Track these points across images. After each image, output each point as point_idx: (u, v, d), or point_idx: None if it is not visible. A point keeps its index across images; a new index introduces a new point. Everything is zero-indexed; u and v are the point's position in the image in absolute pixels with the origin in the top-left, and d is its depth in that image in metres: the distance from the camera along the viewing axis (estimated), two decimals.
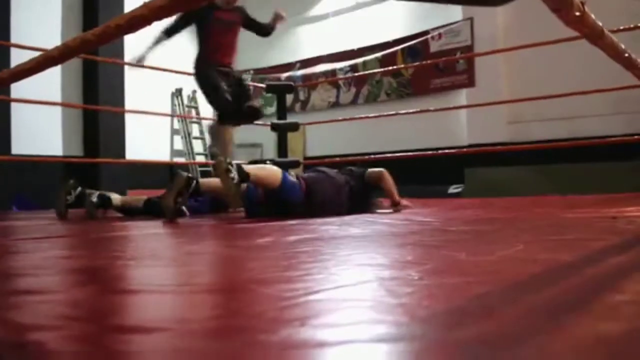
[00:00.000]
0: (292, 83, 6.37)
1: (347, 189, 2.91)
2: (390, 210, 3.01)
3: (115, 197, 3.27)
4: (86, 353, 0.53)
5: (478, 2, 0.96)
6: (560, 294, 0.76)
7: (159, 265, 1.23)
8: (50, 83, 6.42)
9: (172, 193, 2.61)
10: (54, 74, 6.50)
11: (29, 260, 1.33)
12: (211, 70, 3.69)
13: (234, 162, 2.56)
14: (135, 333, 0.60)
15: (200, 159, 8.65)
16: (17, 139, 6.07)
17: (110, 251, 1.55)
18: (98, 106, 6.62)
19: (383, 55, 7.62)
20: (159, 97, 8.18)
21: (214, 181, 2.73)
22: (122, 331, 0.61)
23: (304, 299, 0.73)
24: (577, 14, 0.98)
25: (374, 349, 0.52)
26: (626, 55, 1.39)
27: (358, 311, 0.68)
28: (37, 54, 1.41)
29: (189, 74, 6.16)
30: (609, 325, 0.58)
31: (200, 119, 8.73)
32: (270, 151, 8.34)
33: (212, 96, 3.70)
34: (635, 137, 4.02)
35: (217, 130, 3.81)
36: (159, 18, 0.93)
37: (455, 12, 6.89)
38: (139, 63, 3.88)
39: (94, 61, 6.11)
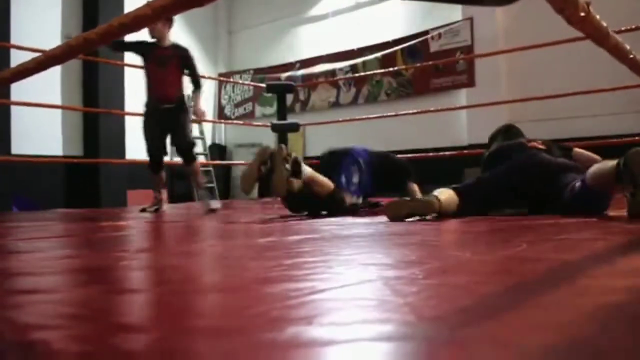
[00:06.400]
0: (292, 83, 6.37)
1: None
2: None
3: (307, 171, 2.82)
4: (88, 352, 0.53)
5: (482, 2, 0.95)
6: (564, 293, 0.76)
7: (161, 264, 1.23)
8: (50, 83, 6.42)
9: (255, 163, 2.79)
10: (54, 73, 6.50)
11: (30, 260, 1.32)
12: (149, 112, 3.95)
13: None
14: (138, 332, 0.60)
15: (200, 159, 8.65)
16: (17, 139, 6.06)
17: (112, 250, 1.54)
18: (98, 106, 6.62)
19: (383, 55, 7.62)
20: None
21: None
22: (126, 330, 0.61)
23: (310, 298, 0.73)
24: (582, 14, 0.98)
25: (381, 347, 0.52)
26: (631, 56, 1.39)
27: (364, 310, 0.67)
28: (37, 54, 1.41)
29: (189, 74, 6.17)
30: (615, 326, 0.58)
31: (201, 121, 8.72)
32: None
33: (147, 143, 4.01)
34: (636, 137, 4.02)
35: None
36: (162, 18, 0.93)
37: (455, 12, 6.89)
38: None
39: (94, 61, 6.10)
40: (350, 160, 3.02)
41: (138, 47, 3.95)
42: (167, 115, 3.88)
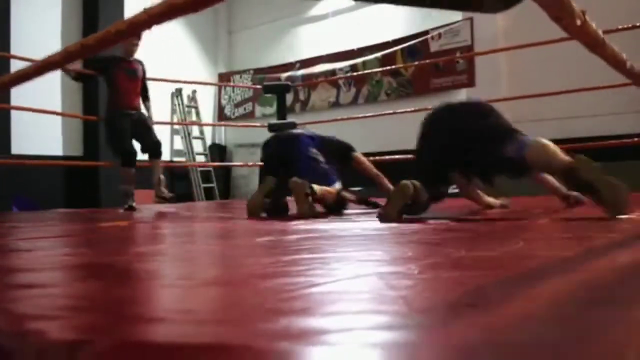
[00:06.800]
0: (289, 83, 6.37)
1: None
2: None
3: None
4: (86, 342, 0.54)
5: (479, 9, 0.96)
6: (559, 288, 0.77)
7: (160, 261, 1.24)
8: (50, 84, 6.42)
9: (259, 195, 3.01)
10: (54, 74, 6.50)
11: (29, 258, 1.33)
12: (118, 116, 4.24)
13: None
14: (136, 323, 0.60)
15: (200, 158, 8.66)
16: (17, 139, 6.07)
17: (112, 249, 1.55)
18: (98, 106, 6.61)
19: (383, 55, 7.63)
20: (159, 96, 8.18)
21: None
22: (124, 321, 0.61)
23: (304, 291, 0.74)
24: (578, 23, 0.99)
25: (373, 336, 0.53)
26: (627, 65, 1.39)
27: (358, 303, 0.68)
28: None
29: (188, 82, 6.21)
30: (608, 319, 0.59)
31: (201, 124, 8.74)
32: None
33: (116, 143, 4.29)
34: (635, 139, 4.03)
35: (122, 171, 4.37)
36: (158, 23, 0.94)
37: (455, 12, 6.89)
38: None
39: None
40: (305, 156, 3.10)
41: (105, 63, 4.28)
42: (135, 121, 4.28)
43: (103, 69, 4.30)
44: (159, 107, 8.00)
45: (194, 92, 8.81)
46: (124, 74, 4.26)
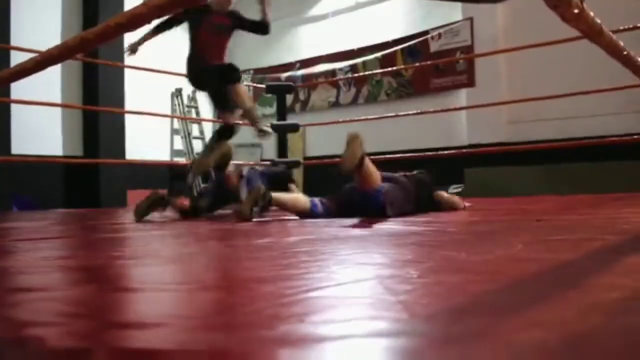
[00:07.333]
0: (291, 83, 6.37)
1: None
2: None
3: None
4: (85, 349, 0.54)
5: (475, 0, 0.96)
6: (559, 292, 0.76)
7: (158, 264, 1.24)
8: (50, 83, 6.43)
9: (248, 202, 2.85)
10: (54, 73, 6.51)
11: (29, 260, 1.33)
12: (200, 69, 3.68)
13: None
14: (134, 329, 0.60)
15: None
16: (17, 139, 6.07)
17: (110, 251, 1.55)
18: (98, 107, 6.63)
19: (383, 55, 7.62)
20: (159, 97, 8.18)
21: (286, 196, 2.98)
22: (122, 327, 0.61)
23: (303, 296, 0.74)
24: (576, 11, 0.98)
25: (373, 343, 0.53)
26: (625, 52, 1.39)
27: (357, 308, 0.68)
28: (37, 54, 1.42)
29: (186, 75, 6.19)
30: (606, 323, 0.58)
31: (200, 120, 8.73)
32: (271, 151, 8.33)
33: (209, 89, 3.76)
34: (635, 137, 4.03)
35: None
36: (159, 16, 0.94)
37: (455, 12, 6.88)
38: (132, 52, 3.85)
39: (93, 62, 6.11)
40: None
41: (187, 17, 3.65)
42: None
43: (188, 21, 3.63)
44: (158, 107, 8.02)
45: (194, 92, 8.80)
46: (207, 31, 3.61)
